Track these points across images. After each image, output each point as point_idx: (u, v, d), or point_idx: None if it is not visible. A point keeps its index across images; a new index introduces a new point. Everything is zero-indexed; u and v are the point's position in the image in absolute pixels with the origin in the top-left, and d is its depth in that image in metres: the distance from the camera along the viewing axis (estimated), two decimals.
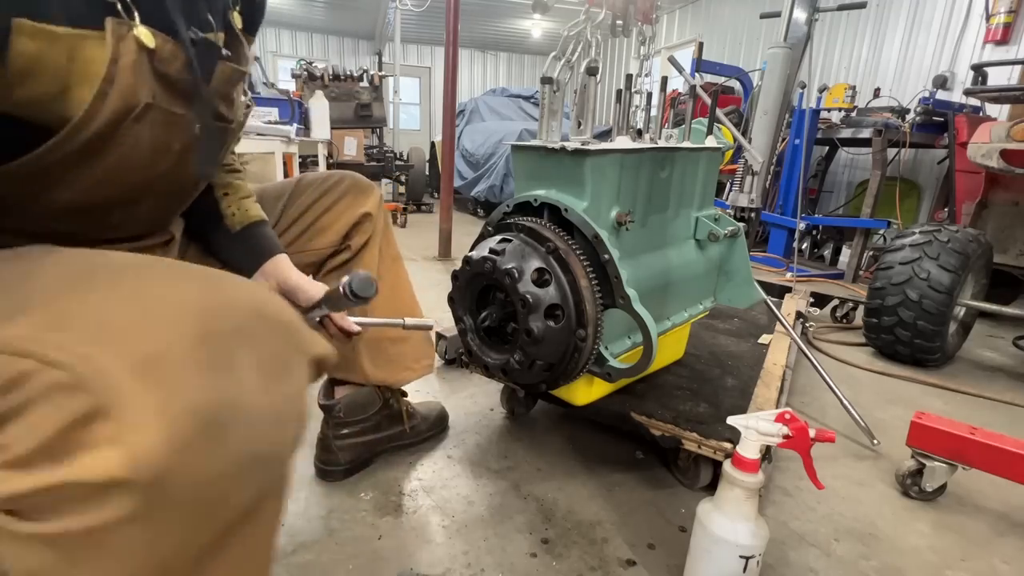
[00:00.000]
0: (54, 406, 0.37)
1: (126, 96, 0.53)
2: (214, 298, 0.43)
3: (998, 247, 2.48)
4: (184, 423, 0.38)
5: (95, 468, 0.36)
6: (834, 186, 4.64)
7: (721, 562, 0.85)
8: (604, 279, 0.99)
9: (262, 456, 0.42)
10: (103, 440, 0.36)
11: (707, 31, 6.54)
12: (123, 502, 0.37)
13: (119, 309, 0.40)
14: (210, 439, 0.39)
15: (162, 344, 0.39)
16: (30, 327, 0.39)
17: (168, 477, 0.37)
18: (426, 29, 8.37)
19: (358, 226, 1.02)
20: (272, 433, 0.43)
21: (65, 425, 0.36)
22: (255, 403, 0.42)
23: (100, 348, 0.38)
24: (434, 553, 1.01)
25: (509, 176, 4.95)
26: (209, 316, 0.42)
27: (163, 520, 0.39)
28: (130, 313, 0.40)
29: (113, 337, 0.39)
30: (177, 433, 0.37)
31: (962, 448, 1.16)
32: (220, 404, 0.39)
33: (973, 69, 2.93)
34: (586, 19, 1.32)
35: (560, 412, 1.54)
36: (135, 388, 0.37)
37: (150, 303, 0.41)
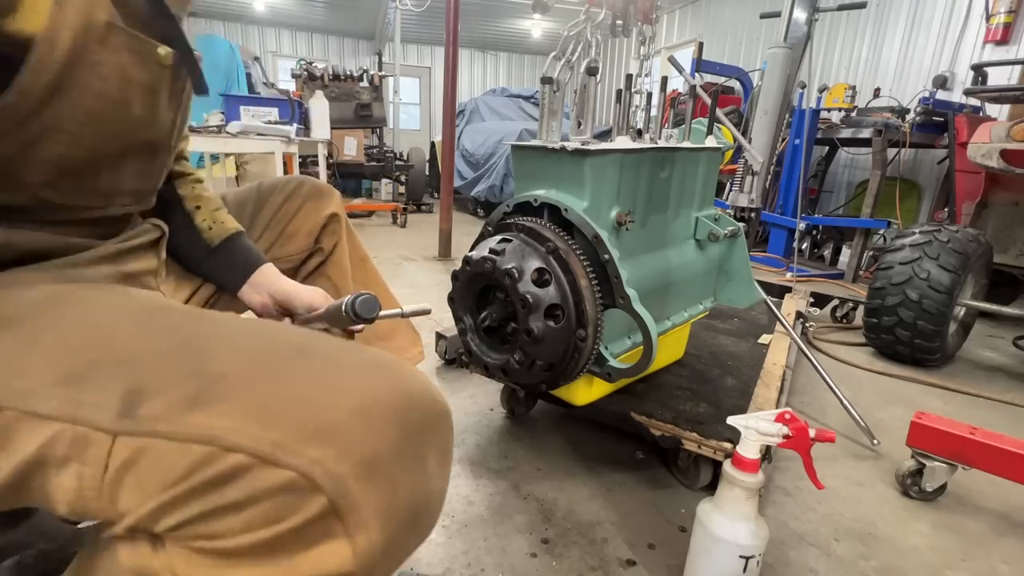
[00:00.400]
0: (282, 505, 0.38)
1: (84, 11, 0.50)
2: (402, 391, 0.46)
3: (998, 247, 2.48)
4: (398, 519, 0.41)
5: (326, 565, 0.39)
6: (834, 186, 4.64)
7: (721, 562, 0.85)
8: (604, 279, 0.99)
9: (432, 527, 0.47)
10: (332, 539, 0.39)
11: (707, 31, 6.54)
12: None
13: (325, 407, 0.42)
14: (412, 530, 0.43)
15: (376, 445, 0.41)
16: (232, 419, 0.40)
17: (379, 563, 0.41)
18: (426, 29, 8.37)
19: (326, 228, 1.00)
20: (439, 508, 0.48)
21: (299, 525, 0.38)
22: (436, 490, 0.46)
23: (326, 450, 0.39)
24: (434, 553, 1.01)
25: (509, 176, 4.95)
26: (404, 413, 0.44)
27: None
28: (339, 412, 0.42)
29: (333, 440, 0.40)
30: (392, 530, 0.41)
31: (962, 448, 1.16)
32: (420, 499, 0.43)
33: (973, 69, 2.93)
34: (586, 19, 1.32)
35: (560, 412, 1.54)
36: (361, 490, 0.39)
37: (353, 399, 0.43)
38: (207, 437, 0.39)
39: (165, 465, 0.40)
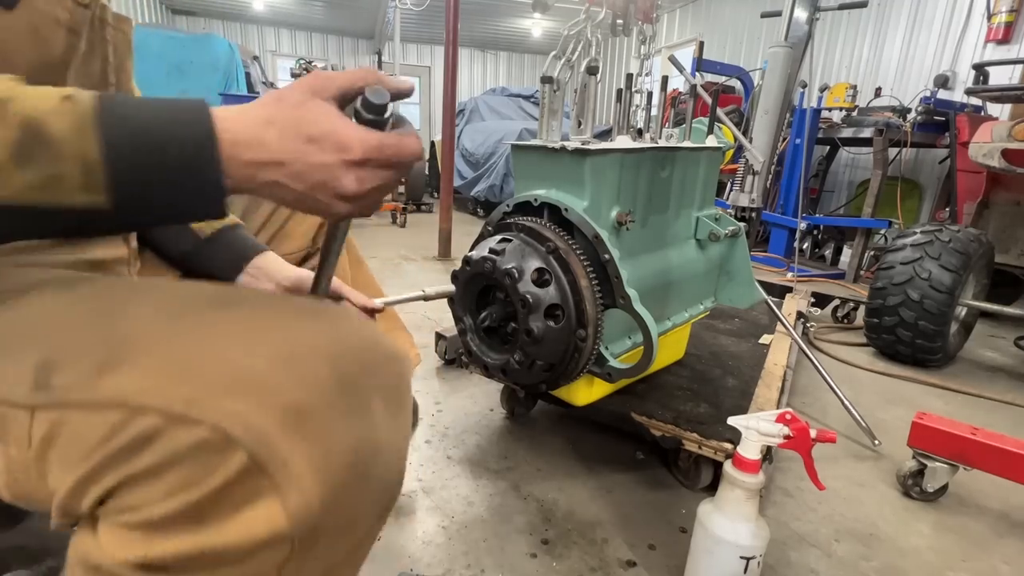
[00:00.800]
0: (199, 465, 0.35)
1: None
2: (337, 337, 0.42)
3: (999, 247, 2.48)
4: (336, 472, 0.38)
5: (254, 528, 0.36)
6: (835, 186, 4.64)
7: (722, 563, 0.85)
8: (604, 279, 0.99)
9: (392, 484, 0.44)
10: (260, 497, 0.36)
11: (708, 30, 6.54)
12: (280, 552, 0.37)
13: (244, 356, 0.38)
14: (357, 482, 0.39)
15: (305, 394, 0.37)
16: (143, 378, 0.37)
17: (321, 523, 0.38)
18: (426, 28, 8.36)
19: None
20: (397, 463, 0.44)
21: (219, 485, 0.35)
22: (387, 438, 0.42)
23: (242, 403, 0.36)
24: (434, 553, 1.01)
25: (509, 176, 4.95)
26: (340, 358, 0.40)
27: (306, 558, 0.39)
28: (258, 360, 0.38)
29: (251, 390, 0.36)
30: (330, 483, 0.37)
31: (963, 449, 1.16)
32: (364, 448, 0.40)
33: (974, 68, 2.92)
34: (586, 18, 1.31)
35: (560, 412, 1.54)
36: (288, 443, 0.36)
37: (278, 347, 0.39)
38: (118, 400, 0.36)
39: (81, 435, 0.37)
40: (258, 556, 0.37)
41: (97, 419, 0.37)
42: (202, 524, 0.36)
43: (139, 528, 0.36)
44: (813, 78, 4.08)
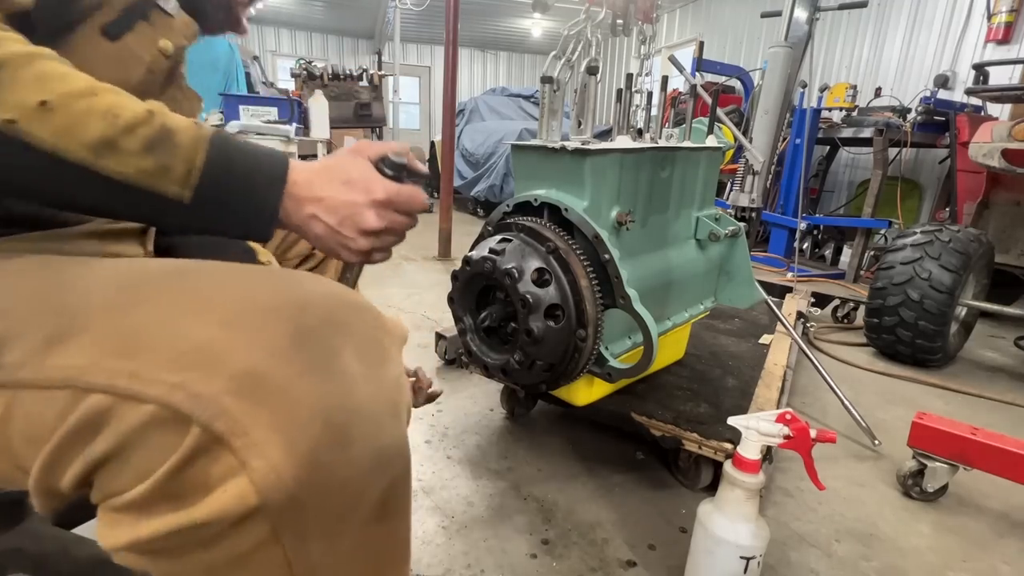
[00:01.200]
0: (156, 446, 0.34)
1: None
2: (290, 293, 0.40)
3: (999, 247, 2.48)
4: (306, 434, 0.35)
5: (224, 503, 0.34)
6: (835, 186, 4.63)
7: (722, 563, 0.85)
8: (604, 279, 0.99)
9: (386, 448, 0.40)
10: (225, 471, 0.34)
11: (708, 30, 6.53)
12: (260, 528, 0.35)
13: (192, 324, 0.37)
14: (336, 444, 0.36)
15: (256, 356, 0.36)
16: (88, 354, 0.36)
17: (300, 493, 0.35)
18: (426, 28, 8.37)
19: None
20: (390, 423, 0.41)
21: (177, 464, 0.34)
22: (367, 395, 0.39)
23: (189, 373, 0.34)
24: (434, 554, 1.01)
25: (509, 176, 4.95)
26: (297, 313, 0.38)
27: (305, 533, 0.37)
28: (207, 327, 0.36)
29: (198, 359, 0.35)
30: (301, 446, 0.35)
31: (963, 449, 1.16)
32: (337, 406, 0.37)
33: (974, 68, 2.92)
34: (586, 18, 1.31)
35: (560, 412, 1.54)
36: (244, 410, 0.34)
37: (225, 312, 0.37)
38: (64, 379, 0.36)
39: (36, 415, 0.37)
40: (240, 532, 0.35)
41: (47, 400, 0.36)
42: (179, 503, 0.35)
43: (125, 511, 0.36)
44: (813, 78, 4.07)
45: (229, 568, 0.37)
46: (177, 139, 0.43)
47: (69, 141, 0.40)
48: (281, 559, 0.37)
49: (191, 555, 0.36)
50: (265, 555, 0.37)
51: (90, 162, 0.41)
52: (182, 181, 0.44)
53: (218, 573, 0.37)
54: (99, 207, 0.45)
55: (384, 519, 0.42)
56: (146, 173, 0.42)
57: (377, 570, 0.45)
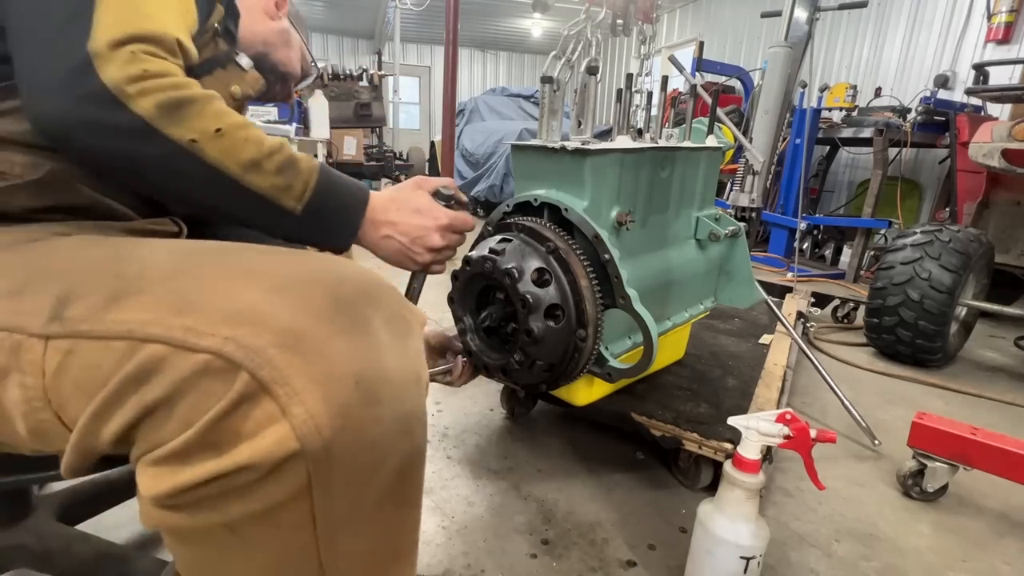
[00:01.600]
0: (205, 392, 0.37)
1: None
2: (333, 269, 0.45)
3: (999, 247, 2.48)
4: (341, 388, 0.38)
5: (266, 446, 0.36)
6: (835, 186, 4.63)
7: (722, 563, 0.85)
8: (604, 279, 0.99)
9: (410, 415, 0.43)
10: (267, 418, 0.37)
11: (708, 30, 6.53)
12: (297, 475, 0.38)
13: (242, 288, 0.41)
14: (366, 401, 0.39)
15: (299, 317, 0.39)
16: (147, 311, 0.39)
17: (335, 443, 0.38)
18: (426, 28, 8.37)
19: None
20: (414, 391, 0.44)
21: (224, 410, 0.36)
22: (395, 362, 0.42)
23: (240, 328, 0.38)
24: (434, 554, 1.01)
25: (509, 176, 4.94)
26: (336, 285, 0.43)
27: (332, 489, 0.39)
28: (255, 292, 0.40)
29: (249, 317, 0.38)
30: (336, 399, 0.38)
31: (963, 449, 1.16)
32: (369, 366, 0.40)
33: (974, 68, 2.92)
34: (586, 18, 1.31)
35: (560, 412, 1.54)
36: (287, 361, 0.37)
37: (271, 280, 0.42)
38: (124, 332, 0.39)
39: (92, 365, 0.39)
40: (277, 479, 0.37)
41: (105, 350, 0.39)
42: (219, 449, 0.37)
43: (165, 462, 0.38)
44: (813, 78, 4.07)
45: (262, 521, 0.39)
46: (299, 165, 0.58)
47: (229, 160, 0.53)
48: (308, 515, 0.39)
49: (226, 505, 0.38)
50: (297, 507, 0.39)
51: (239, 176, 0.54)
52: (298, 197, 0.58)
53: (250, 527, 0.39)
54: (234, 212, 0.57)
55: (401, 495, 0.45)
56: (276, 188, 0.56)
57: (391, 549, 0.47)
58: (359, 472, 0.40)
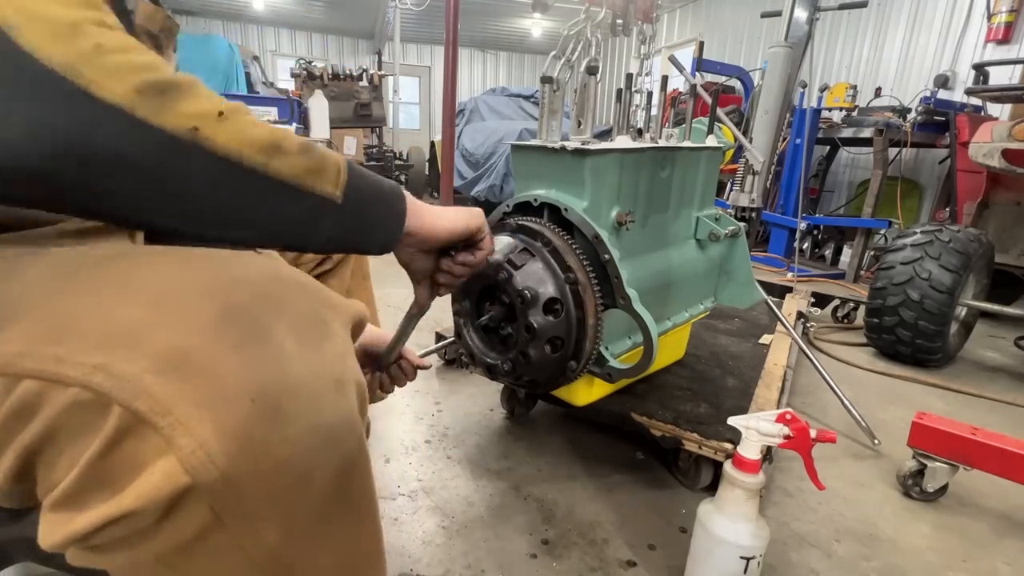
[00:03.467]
0: (80, 429, 0.34)
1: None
2: (222, 272, 0.40)
3: (1000, 247, 2.48)
4: (233, 410, 0.34)
5: (153, 485, 0.33)
6: (835, 186, 4.63)
7: (722, 563, 0.85)
8: (604, 279, 0.99)
9: (331, 425, 0.39)
10: (151, 452, 0.33)
11: (708, 30, 6.53)
12: (198, 510, 0.34)
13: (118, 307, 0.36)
14: (269, 421, 0.35)
15: (180, 334, 0.35)
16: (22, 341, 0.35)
17: (233, 472, 0.34)
18: (426, 28, 8.37)
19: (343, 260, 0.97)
20: (333, 399, 0.39)
21: (102, 448, 0.33)
22: (304, 371, 0.38)
23: (111, 354, 0.34)
24: (434, 554, 1.01)
25: (509, 176, 4.94)
26: (226, 291, 0.38)
27: (252, 516, 0.36)
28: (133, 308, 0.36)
29: (121, 340, 0.34)
30: (230, 423, 0.34)
31: (963, 449, 1.16)
32: (269, 382, 0.36)
33: (974, 68, 2.92)
34: (586, 18, 1.31)
35: (560, 412, 1.54)
36: (167, 388, 0.33)
37: (152, 294, 0.37)
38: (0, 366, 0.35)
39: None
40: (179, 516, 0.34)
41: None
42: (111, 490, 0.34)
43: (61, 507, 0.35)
44: (813, 78, 4.07)
45: (180, 557, 0.36)
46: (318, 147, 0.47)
47: (243, 145, 0.41)
48: (231, 544, 0.36)
49: (137, 546, 0.35)
50: (213, 541, 0.36)
51: (262, 164, 0.42)
52: (335, 181, 0.47)
53: (171, 563, 0.36)
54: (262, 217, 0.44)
55: (345, 502, 0.42)
56: (308, 172, 0.45)
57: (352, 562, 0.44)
58: (279, 494, 0.37)
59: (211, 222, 0.43)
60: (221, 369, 0.35)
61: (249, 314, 0.38)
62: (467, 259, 0.65)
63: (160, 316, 0.36)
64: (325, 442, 0.38)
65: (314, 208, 0.46)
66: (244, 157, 0.41)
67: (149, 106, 0.37)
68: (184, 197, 0.41)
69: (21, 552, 0.77)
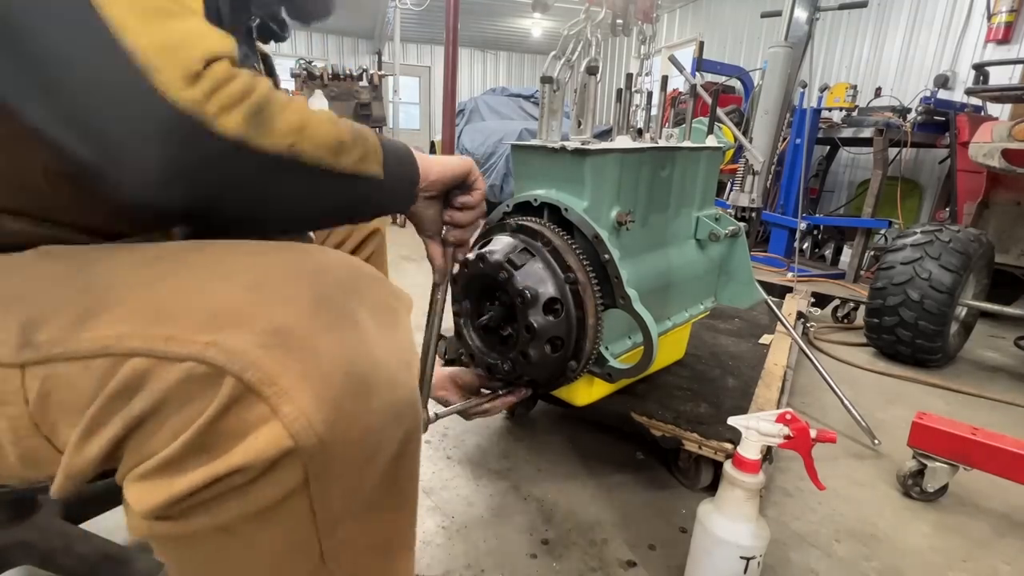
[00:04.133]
0: (192, 400, 0.36)
1: None
2: (307, 262, 0.43)
3: (999, 247, 2.48)
4: (330, 383, 0.38)
5: (260, 446, 0.36)
6: (835, 186, 4.63)
7: (722, 563, 0.85)
8: (604, 279, 0.99)
9: (402, 403, 0.43)
10: (258, 419, 0.36)
11: (708, 30, 6.53)
12: (293, 473, 0.38)
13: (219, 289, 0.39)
14: (358, 395, 0.39)
15: (282, 315, 0.38)
16: (123, 324, 0.38)
17: (328, 438, 0.37)
18: (426, 28, 8.36)
19: (365, 242, 1.00)
20: (405, 379, 0.43)
21: (213, 416, 0.36)
22: (384, 352, 0.42)
23: (221, 332, 0.37)
24: (433, 554, 1.01)
25: (509, 176, 4.94)
26: (316, 278, 0.42)
27: (329, 482, 0.39)
28: (233, 292, 0.39)
29: (229, 319, 0.37)
30: (327, 395, 0.37)
31: (963, 448, 1.16)
32: (357, 359, 0.40)
33: (974, 68, 2.92)
34: (586, 18, 1.31)
35: (560, 413, 1.54)
36: (273, 360, 0.37)
37: (249, 278, 0.40)
38: (101, 349, 0.38)
39: (74, 387, 0.38)
40: (273, 478, 0.37)
41: (85, 369, 0.38)
42: (212, 454, 0.36)
43: (156, 475, 0.37)
44: (813, 78, 4.07)
45: (259, 520, 0.39)
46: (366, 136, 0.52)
47: (322, 150, 0.46)
48: (307, 509, 0.39)
49: (221, 508, 0.38)
50: (294, 504, 0.39)
51: (333, 163, 0.47)
52: (378, 160, 0.52)
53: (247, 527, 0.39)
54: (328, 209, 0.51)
55: (396, 482, 0.45)
56: (362, 159, 0.50)
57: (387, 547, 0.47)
58: (355, 462, 0.40)
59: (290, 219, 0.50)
60: (319, 346, 0.38)
61: (337, 299, 0.41)
62: (466, 200, 0.70)
63: (260, 297, 0.39)
64: (396, 416, 0.42)
65: (366, 189, 0.52)
66: (323, 162, 0.47)
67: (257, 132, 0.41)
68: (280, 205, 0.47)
69: (21, 556, 0.78)
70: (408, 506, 0.49)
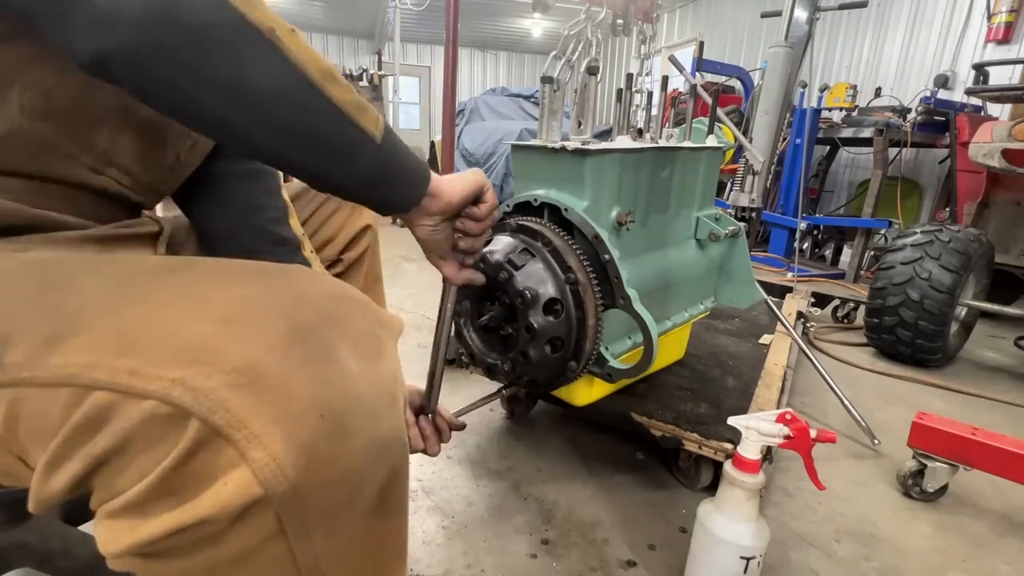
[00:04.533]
0: (156, 441, 0.34)
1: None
2: (286, 290, 0.41)
3: (1000, 247, 2.48)
4: (304, 425, 0.36)
5: (227, 495, 0.34)
6: (835, 186, 4.63)
7: (722, 563, 0.85)
8: (604, 279, 0.99)
9: (384, 439, 0.40)
10: (226, 463, 0.34)
11: (708, 30, 6.53)
12: (264, 521, 0.36)
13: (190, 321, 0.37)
14: (334, 436, 0.37)
15: (254, 351, 0.36)
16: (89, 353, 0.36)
17: (302, 483, 0.35)
18: (426, 28, 8.36)
19: (356, 239, 0.96)
20: (388, 413, 0.41)
21: (178, 459, 0.34)
22: (364, 388, 0.39)
23: (187, 368, 0.35)
24: (433, 554, 1.01)
25: (509, 176, 4.94)
26: (293, 309, 0.39)
27: (305, 527, 0.37)
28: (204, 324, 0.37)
29: (196, 355, 0.35)
30: (300, 437, 0.35)
31: (963, 449, 1.16)
32: (334, 397, 0.37)
33: (975, 68, 2.92)
34: (586, 18, 1.31)
35: (560, 412, 1.54)
36: (242, 402, 0.34)
37: (222, 309, 0.38)
38: (67, 377, 0.36)
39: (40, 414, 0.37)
40: (246, 525, 0.35)
41: (51, 397, 0.36)
42: (180, 499, 0.35)
43: (123, 515, 0.36)
44: (813, 78, 4.07)
45: (235, 565, 0.37)
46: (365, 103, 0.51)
47: (309, 62, 0.46)
48: (286, 552, 0.38)
49: (197, 553, 0.36)
50: (272, 549, 0.37)
51: (320, 83, 0.46)
52: (375, 123, 0.51)
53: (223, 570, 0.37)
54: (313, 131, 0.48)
55: (383, 511, 0.43)
56: (355, 105, 0.49)
57: (377, 563, 0.45)
58: (334, 504, 0.38)
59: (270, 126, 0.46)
60: (292, 386, 0.36)
61: (315, 332, 0.39)
62: (474, 212, 0.69)
63: (232, 333, 0.37)
64: (379, 455, 0.40)
65: (356, 139, 0.50)
66: (308, 72, 0.45)
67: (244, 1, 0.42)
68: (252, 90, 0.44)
69: (20, 558, 0.77)
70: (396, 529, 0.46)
